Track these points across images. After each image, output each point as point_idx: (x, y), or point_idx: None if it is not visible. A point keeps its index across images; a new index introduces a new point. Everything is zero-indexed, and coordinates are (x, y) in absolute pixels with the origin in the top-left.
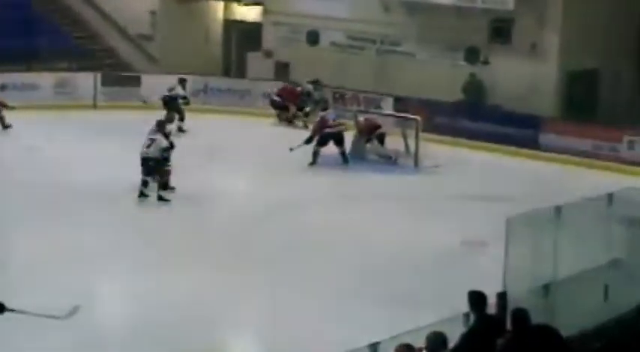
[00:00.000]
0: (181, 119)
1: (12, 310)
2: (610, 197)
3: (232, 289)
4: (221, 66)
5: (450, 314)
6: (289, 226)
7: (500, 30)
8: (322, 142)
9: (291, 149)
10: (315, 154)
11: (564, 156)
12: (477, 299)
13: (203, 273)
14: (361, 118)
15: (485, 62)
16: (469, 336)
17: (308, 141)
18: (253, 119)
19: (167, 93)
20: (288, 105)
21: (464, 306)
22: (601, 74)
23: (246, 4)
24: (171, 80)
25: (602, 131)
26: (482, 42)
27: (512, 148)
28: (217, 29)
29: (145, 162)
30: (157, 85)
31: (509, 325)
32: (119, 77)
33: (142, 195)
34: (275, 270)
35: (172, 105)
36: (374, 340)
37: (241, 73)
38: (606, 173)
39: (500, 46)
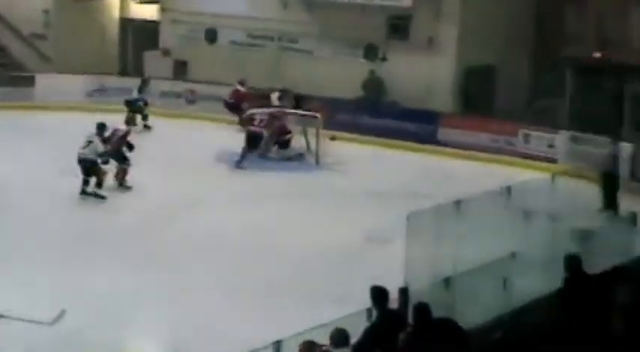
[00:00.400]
0: (144, 118)
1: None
2: (508, 190)
3: (140, 289)
4: (117, 65)
5: (353, 310)
6: (193, 227)
7: (398, 26)
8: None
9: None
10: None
11: (463, 151)
12: (378, 294)
13: (112, 273)
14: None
15: (384, 59)
16: (371, 331)
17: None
18: (151, 118)
19: (127, 97)
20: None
21: (367, 302)
22: (498, 70)
23: (142, 2)
24: (66, 80)
25: (498, 125)
26: (381, 39)
27: (412, 144)
28: (113, 28)
29: (81, 162)
30: (51, 85)
31: (411, 319)
32: (12, 77)
33: (83, 192)
34: (181, 271)
35: (132, 107)
36: (278, 338)
37: (139, 72)
38: (503, 167)
39: (398, 42)
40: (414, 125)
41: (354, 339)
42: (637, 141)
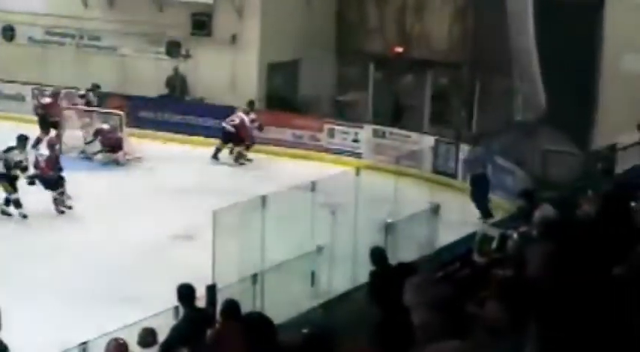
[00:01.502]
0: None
1: None
2: (313, 185)
3: None
4: None
5: (161, 309)
6: None
7: (201, 23)
8: None
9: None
10: None
11: (267, 147)
12: (185, 292)
13: None
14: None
15: (187, 55)
16: (178, 330)
17: None
18: None
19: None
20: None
21: (174, 300)
22: (301, 65)
23: None
24: None
25: (302, 121)
26: (184, 35)
27: (216, 141)
28: None
29: None
30: None
31: (218, 317)
32: None
33: None
34: None
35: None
36: (85, 339)
37: None
38: (308, 162)
39: (201, 38)
40: (216, 121)
41: (161, 338)
42: (437, 135)
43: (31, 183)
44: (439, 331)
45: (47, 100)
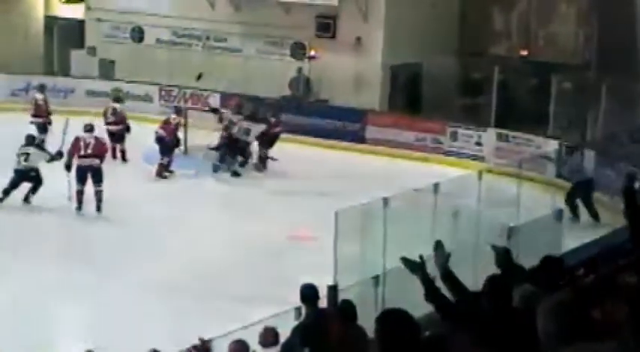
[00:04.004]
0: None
1: None
2: (435, 187)
3: (57, 288)
4: (43, 64)
5: (282, 309)
6: (118, 225)
7: (326, 25)
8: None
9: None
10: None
11: (390, 149)
12: (309, 292)
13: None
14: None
15: (311, 57)
16: (301, 330)
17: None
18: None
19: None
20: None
21: (295, 301)
22: (424, 68)
23: (67, 1)
24: None
25: (425, 123)
26: (308, 37)
27: (339, 142)
28: (38, 26)
29: (25, 173)
30: None
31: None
32: None
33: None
34: (107, 269)
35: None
36: (206, 337)
37: (64, 71)
38: (431, 164)
39: (325, 40)
40: (340, 123)
41: (283, 339)
42: (562, 139)
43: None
44: (563, 337)
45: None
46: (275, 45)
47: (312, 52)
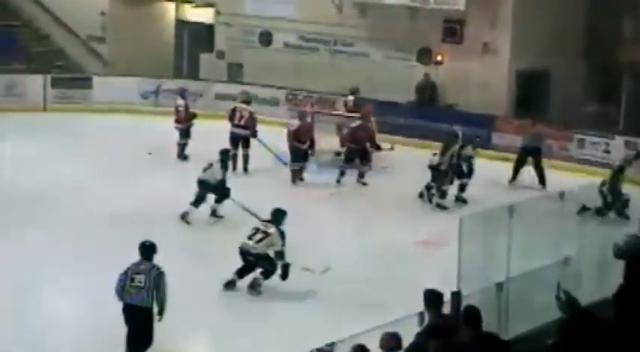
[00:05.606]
0: None
1: None
2: (562, 195)
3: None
4: (172, 67)
5: (405, 314)
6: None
7: (453, 30)
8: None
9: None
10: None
11: (515, 155)
12: (433, 297)
13: None
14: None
15: (438, 62)
16: (424, 335)
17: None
18: (207, 121)
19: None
20: None
21: (418, 306)
22: (552, 73)
23: (198, 6)
24: (123, 82)
25: (552, 130)
26: (435, 42)
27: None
28: (169, 30)
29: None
30: (108, 87)
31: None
32: (69, 79)
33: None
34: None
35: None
36: (329, 341)
37: (194, 75)
38: (557, 171)
39: (452, 45)
40: (466, 129)
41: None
42: None
43: None
44: None
45: (295, 124)
46: (401, 50)
47: (439, 57)
